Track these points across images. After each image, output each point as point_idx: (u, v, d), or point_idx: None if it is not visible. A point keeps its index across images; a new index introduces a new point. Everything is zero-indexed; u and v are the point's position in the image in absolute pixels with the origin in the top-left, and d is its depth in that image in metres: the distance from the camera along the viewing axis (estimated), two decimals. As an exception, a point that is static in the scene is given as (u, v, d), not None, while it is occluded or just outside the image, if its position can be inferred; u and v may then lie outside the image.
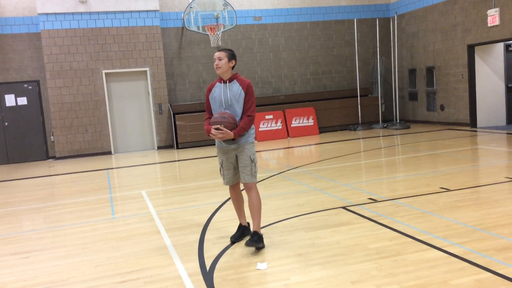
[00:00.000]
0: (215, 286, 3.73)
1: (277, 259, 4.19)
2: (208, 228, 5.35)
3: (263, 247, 4.49)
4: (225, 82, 4.51)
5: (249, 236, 4.64)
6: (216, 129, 4.30)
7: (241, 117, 4.43)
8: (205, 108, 4.70)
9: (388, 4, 15.79)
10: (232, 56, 4.49)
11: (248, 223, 4.94)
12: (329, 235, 4.76)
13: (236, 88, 4.45)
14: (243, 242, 4.70)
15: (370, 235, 4.66)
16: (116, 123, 13.45)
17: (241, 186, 4.87)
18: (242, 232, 4.81)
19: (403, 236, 4.55)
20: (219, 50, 4.52)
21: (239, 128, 4.36)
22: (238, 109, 4.43)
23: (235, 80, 4.50)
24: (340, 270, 3.84)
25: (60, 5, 12.56)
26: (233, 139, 4.43)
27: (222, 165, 4.65)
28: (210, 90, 4.60)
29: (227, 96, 4.45)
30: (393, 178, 7.50)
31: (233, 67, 4.53)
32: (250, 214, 4.58)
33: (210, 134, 4.35)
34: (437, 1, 13.76)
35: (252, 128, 4.53)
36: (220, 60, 4.44)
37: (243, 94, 4.42)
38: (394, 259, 3.97)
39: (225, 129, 4.29)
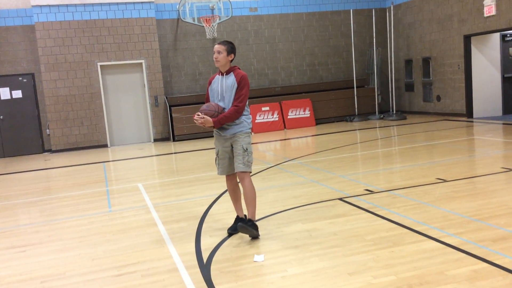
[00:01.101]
0: (212, 278, 3.73)
1: (274, 251, 4.20)
2: (205, 220, 5.35)
3: (257, 236, 4.52)
4: (222, 74, 4.60)
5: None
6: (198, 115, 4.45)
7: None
8: (205, 100, 4.78)
9: (384, -6, 15.73)
10: (231, 49, 4.56)
11: (245, 215, 4.93)
12: (326, 226, 4.77)
13: (231, 80, 4.52)
14: (241, 234, 4.69)
15: (367, 226, 4.66)
16: (112, 116, 13.39)
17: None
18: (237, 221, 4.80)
19: (400, 227, 4.56)
20: (218, 43, 4.58)
21: (222, 116, 4.43)
22: (230, 101, 4.50)
23: (231, 73, 4.56)
24: (337, 262, 3.84)
25: (54, -3, 12.46)
26: (224, 128, 4.51)
27: (217, 154, 4.70)
28: (209, 82, 4.71)
29: (222, 88, 4.54)
30: (390, 169, 7.51)
31: (231, 61, 4.60)
32: (245, 203, 4.60)
33: (194, 120, 4.49)
34: (433, -9, 13.71)
35: (248, 119, 4.59)
36: (219, 53, 4.52)
37: (236, 85, 4.49)
38: (391, 250, 3.98)
39: (204, 115, 4.42)
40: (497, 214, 4.73)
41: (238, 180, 4.85)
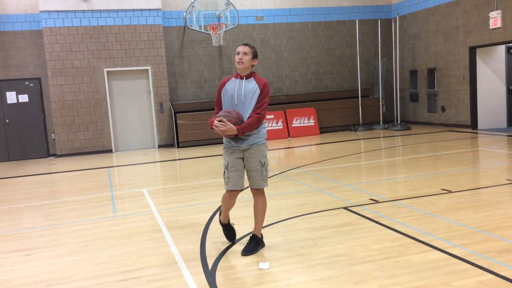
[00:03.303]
0: (217, 285, 3.73)
1: (279, 259, 4.20)
2: (209, 227, 5.36)
3: (263, 246, 4.51)
4: (241, 78, 4.34)
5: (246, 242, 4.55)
6: (219, 121, 4.10)
7: (250, 116, 4.23)
8: (215, 103, 4.47)
9: (390, 5, 15.80)
10: (256, 54, 4.36)
11: (229, 221, 4.76)
12: (331, 235, 4.77)
13: (252, 86, 4.26)
14: (245, 241, 4.62)
15: (372, 235, 4.66)
16: (117, 122, 13.45)
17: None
18: (231, 229, 4.74)
19: (405, 237, 4.56)
20: (243, 44, 4.34)
21: (245, 124, 4.14)
22: (250, 107, 4.24)
23: (252, 78, 4.33)
24: (342, 271, 3.84)
25: (62, 2, 12.56)
26: (240, 138, 4.24)
27: (227, 166, 4.31)
28: (223, 84, 4.38)
29: (241, 92, 4.27)
30: (394, 179, 7.51)
31: (253, 66, 4.40)
32: (254, 216, 4.46)
33: (212, 126, 4.14)
34: (439, 2, 13.77)
35: (264, 128, 4.34)
36: (245, 55, 4.27)
37: (258, 92, 4.24)
38: (396, 260, 3.98)
39: (228, 122, 4.10)
40: (503, 226, 4.73)
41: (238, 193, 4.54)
